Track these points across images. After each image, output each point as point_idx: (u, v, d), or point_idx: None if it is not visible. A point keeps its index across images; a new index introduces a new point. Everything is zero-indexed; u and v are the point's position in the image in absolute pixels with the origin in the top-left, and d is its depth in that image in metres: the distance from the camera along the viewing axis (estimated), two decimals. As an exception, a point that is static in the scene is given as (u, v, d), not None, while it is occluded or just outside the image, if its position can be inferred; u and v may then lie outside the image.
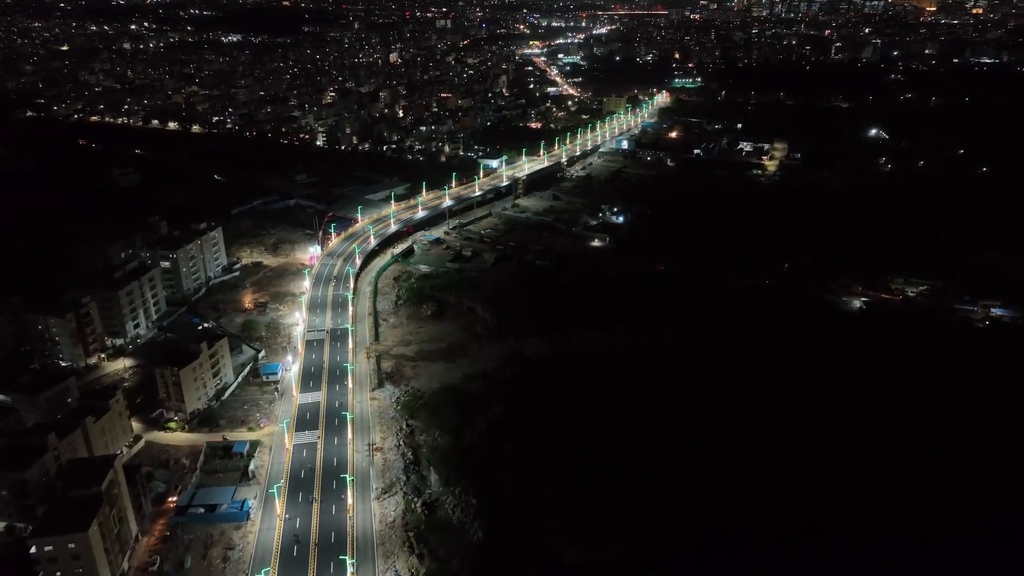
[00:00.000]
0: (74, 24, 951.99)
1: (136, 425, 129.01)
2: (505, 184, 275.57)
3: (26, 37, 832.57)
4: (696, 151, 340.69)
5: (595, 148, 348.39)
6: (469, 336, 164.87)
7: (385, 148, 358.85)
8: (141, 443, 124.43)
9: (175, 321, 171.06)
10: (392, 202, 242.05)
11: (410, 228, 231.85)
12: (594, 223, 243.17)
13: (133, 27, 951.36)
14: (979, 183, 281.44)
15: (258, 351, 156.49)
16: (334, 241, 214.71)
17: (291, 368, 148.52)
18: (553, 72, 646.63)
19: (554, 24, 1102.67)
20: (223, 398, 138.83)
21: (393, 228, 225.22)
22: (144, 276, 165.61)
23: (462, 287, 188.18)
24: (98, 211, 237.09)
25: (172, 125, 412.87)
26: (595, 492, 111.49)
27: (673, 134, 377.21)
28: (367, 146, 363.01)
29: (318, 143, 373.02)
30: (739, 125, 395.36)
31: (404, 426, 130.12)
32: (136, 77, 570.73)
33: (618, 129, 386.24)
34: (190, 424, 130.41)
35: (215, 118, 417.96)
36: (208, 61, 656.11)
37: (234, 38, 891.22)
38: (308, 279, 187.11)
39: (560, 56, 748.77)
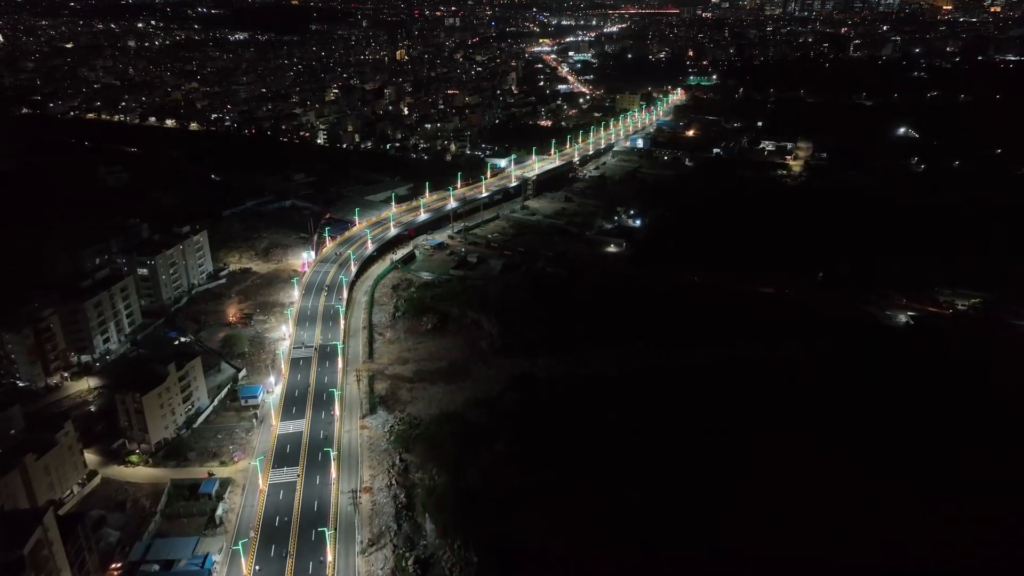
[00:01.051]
0: (81, 22, 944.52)
1: (92, 458, 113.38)
2: (514, 185, 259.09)
3: (32, 35, 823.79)
4: (716, 150, 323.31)
5: (609, 147, 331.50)
6: (473, 353, 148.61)
7: (388, 147, 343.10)
8: (96, 480, 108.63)
9: (150, 335, 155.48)
10: (393, 204, 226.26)
11: (411, 231, 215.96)
12: (609, 227, 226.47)
13: (140, 25, 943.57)
14: (1022, 184, 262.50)
15: (238, 370, 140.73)
16: (329, 246, 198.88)
17: (273, 390, 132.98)
18: (564, 69, 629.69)
19: (564, 22, 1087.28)
20: (195, 426, 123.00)
21: (393, 232, 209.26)
22: (116, 285, 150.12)
23: (466, 297, 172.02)
24: (81, 212, 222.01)
25: (170, 122, 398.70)
26: (618, 540, 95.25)
27: (690, 132, 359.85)
28: (369, 144, 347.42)
29: (319, 141, 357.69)
30: (759, 123, 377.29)
31: (397, 461, 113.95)
32: (137, 74, 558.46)
33: (632, 127, 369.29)
34: (154, 457, 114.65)
35: (213, 115, 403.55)
36: (212, 58, 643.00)
37: (241, 36, 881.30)
38: (297, 288, 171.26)
39: (571, 54, 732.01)
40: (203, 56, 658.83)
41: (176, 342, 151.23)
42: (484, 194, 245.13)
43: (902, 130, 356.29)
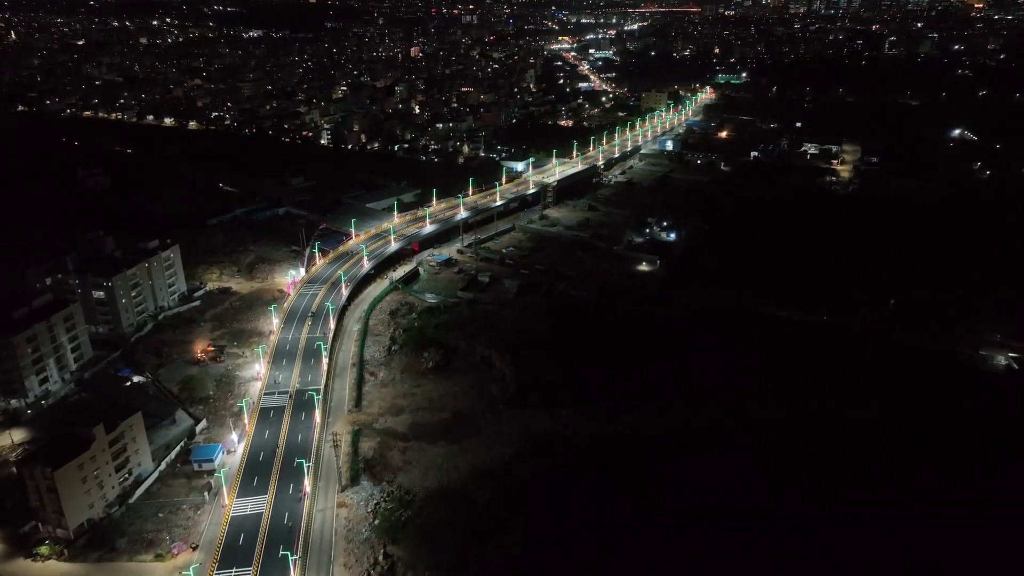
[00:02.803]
0: (96, 19, 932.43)
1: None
2: (532, 191, 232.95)
3: (45, 32, 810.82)
4: (753, 153, 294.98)
5: (635, 149, 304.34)
6: (482, 401, 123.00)
7: (396, 148, 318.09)
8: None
9: (100, 372, 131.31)
10: (395, 214, 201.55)
11: (415, 245, 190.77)
12: (640, 240, 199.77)
13: (155, 23, 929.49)
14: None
15: (197, 421, 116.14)
16: (319, 263, 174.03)
17: (236, 449, 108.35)
18: (584, 67, 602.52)
19: (583, 20, 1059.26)
20: (131, 500, 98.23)
21: (394, 247, 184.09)
22: (58, 314, 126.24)
23: (475, 327, 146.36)
24: (54, 219, 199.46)
25: (168, 121, 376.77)
26: None
27: (723, 134, 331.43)
28: (376, 145, 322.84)
29: (322, 141, 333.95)
30: (798, 124, 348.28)
31: (380, 558, 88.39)
32: (143, 71, 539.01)
33: (660, 128, 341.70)
34: (72, 547, 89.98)
35: (214, 114, 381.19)
36: (220, 55, 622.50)
37: (255, 34, 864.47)
38: (276, 316, 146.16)
39: (591, 51, 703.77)
40: (211, 53, 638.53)
41: (128, 382, 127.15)
42: (499, 202, 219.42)
43: (957, 132, 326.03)
